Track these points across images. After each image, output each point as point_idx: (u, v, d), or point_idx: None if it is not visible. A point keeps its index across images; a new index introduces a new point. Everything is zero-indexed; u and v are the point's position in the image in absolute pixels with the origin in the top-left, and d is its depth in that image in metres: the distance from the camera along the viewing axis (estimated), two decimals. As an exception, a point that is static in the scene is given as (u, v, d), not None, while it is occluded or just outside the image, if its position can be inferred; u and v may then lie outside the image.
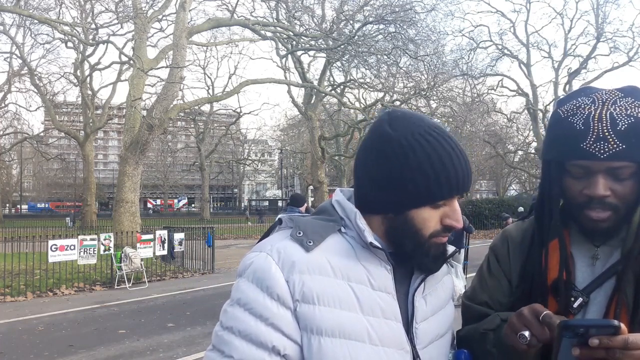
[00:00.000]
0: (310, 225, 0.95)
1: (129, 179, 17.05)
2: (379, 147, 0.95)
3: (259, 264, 0.91)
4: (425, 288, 1.00)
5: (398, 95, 26.08)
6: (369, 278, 0.92)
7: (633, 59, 31.73)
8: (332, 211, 1.00)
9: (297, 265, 0.90)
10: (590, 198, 1.00)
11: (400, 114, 0.97)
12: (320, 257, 0.91)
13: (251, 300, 0.89)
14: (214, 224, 24.15)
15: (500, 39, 34.72)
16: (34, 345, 6.32)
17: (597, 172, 0.98)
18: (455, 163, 0.92)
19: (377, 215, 0.97)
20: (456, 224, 0.94)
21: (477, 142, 34.97)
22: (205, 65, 41.25)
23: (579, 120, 0.99)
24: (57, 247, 9.85)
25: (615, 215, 1.00)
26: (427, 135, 0.93)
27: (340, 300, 0.90)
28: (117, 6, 22.44)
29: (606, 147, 0.95)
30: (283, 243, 0.93)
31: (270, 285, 0.88)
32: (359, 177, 0.99)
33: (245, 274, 0.92)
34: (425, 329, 0.98)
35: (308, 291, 0.88)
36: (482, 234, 25.24)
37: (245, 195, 77.95)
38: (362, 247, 0.94)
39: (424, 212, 0.93)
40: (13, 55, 30.84)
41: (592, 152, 0.96)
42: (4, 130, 39.43)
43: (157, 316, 7.95)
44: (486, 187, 65.19)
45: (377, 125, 0.98)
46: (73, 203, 50.63)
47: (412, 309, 0.97)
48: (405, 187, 0.92)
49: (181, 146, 60.39)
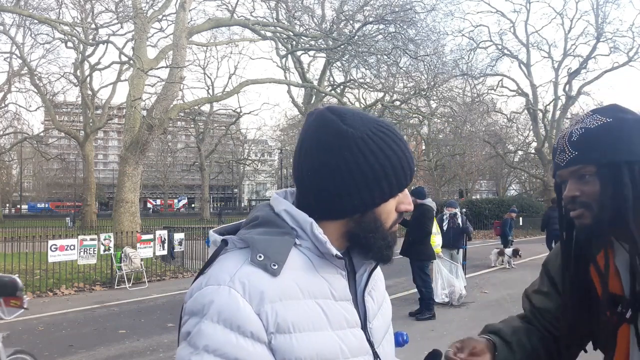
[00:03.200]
0: (269, 244, 0.86)
1: (129, 179, 17.05)
2: (342, 148, 0.88)
3: (223, 301, 0.80)
4: (369, 285, 1.00)
5: (398, 95, 26.08)
6: (330, 290, 0.89)
7: (633, 59, 31.73)
8: (279, 222, 0.90)
9: (266, 294, 0.82)
10: (567, 201, 1.17)
11: (346, 110, 0.93)
12: (287, 279, 0.85)
13: (222, 345, 0.79)
14: (214, 224, 24.16)
15: (500, 39, 34.75)
16: (34, 345, 6.31)
17: (566, 179, 1.17)
18: (408, 150, 0.94)
19: (337, 220, 0.91)
20: (409, 207, 0.96)
21: (477, 142, 34.91)
22: (205, 65, 41.26)
23: (555, 142, 1.21)
24: (57, 247, 9.84)
25: (589, 212, 1.13)
26: (380, 128, 0.92)
27: (313, 322, 0.85)
28: (117, 6, 22.46)
29: (564, 156, 1.15)
30: (244, 270, 0.83)
31: (241, 325, 0.80)
32: (315, 183, 0.90)
33: (206, 315, 0.80)
34: (377, 327, 0.98)
35: (282, 321, 0.82)
36: (482, 234, 25.25)
37: (245, 195, 77.97)
38: (318, 257, 0.89)
39: (390, 204, 0.93)
40: (13, 55, 30.80)
41: (557, 163, 1.18)
42: (4, 130, 39.39)
43: (157, 316, 7.95)
44: (486, 187, 65.19)
45: (327, 123, 0.90)
46: (73, 203, 50.62)
47: (364, 310, 0.96)
48: (379, 183, 0.90)
49: (181, 146, 60.36)
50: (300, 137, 0.95)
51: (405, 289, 8.85)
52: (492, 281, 10.78)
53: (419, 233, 7.63)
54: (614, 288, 1.15)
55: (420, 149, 45.87)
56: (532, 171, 41.37)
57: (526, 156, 43.17)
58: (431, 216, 7.86)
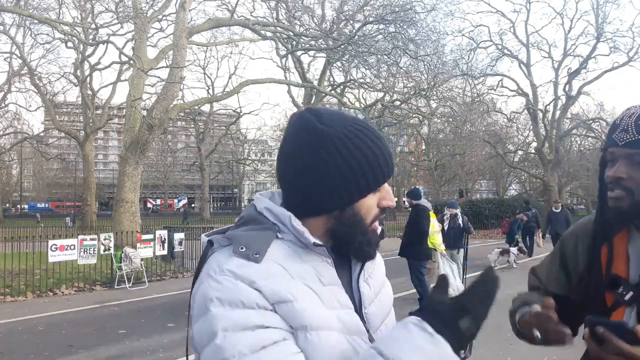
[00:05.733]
0: (249, 237, 0.90)
1: (129, 179, 17.04)
2: (319, 147, 0.92)
3: (220, 288, 0.85)
4: (365, 272, 1.02)
5: (398, 95, 26.09)
6: (318, 276, 0.92)
7: (633, 59, 31.69)
8: (261, 219, 0.95)
9: (255, 276, 0.85)
10: (610, 180, 1.16)
11: (323, 110, 0.97)
12: (272, 264, 0.88)
13: (236, 320, 0.82)
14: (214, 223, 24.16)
15: (500, 39, 34.69)
16: (34, 345, 6.32)
17: (619, 158, 1.15)
18: (385, 146, 0.96)
19: (318, 217, 0.95)
20: (392, 203, 0.98)
21: (477, 142, 34.93)
22: (205, 65, 41.20)
23: (619, 117, 1.18)
24: (57, 247, 9.83)
25: (629, 197, 1.13)
26: (356, 126, 0.95)
27: (309, 298, 0.88)
28: (117, 6, 22.45)
29: (625, 136, 1.12)
30: (230, 262, 0.87)
31: (244, 299, 0.83)
32: (295, 181, 0.94)
33: (209, 307, 0.84)
34: (374, 312, 1.01)
35: (280, 291, 0.85)
36: (482, 234, 25.24)
37: (245, 195, 77.92)
38: (301, 248, 0.93)
39: (369, 200, 0.95)
40: (13, 55, 30.80)
41: (614, 140, 1.15)
42: (4, 130, 39.40)
43: (157, 316, 7.95)
44: (486, 187, 65.20)
45: (305, 123, 0.95)
46: (73, 203, 50.59)
47: (358, 296, 0.99)
48: (356, 180, 0.92)
49: (181, 146, 60.34)
50: (282, 139, 0.99)
51: (405, 288, 8.85)
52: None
53: (416, 233, 7.66)
54: (619, 270, 1.17)
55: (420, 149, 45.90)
56: (532, 171, 41.35)
57: (526, 156, 43.16)
58: (427, 215, 7.88)
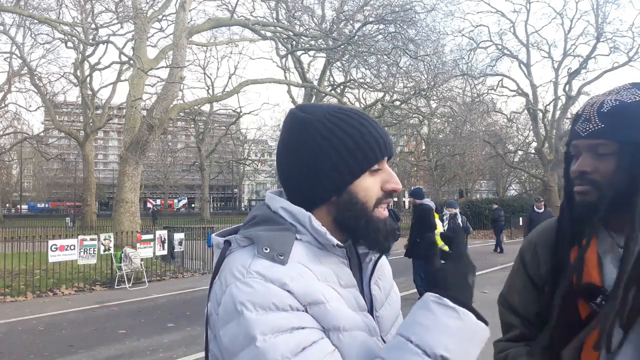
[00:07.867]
0: (272, 238, 0.87)
1: (129, 179, 17.04)
2: (302, 134, 0.93)
3: (250, 291, 0.82)
4: (376, 274, 1.01)
5: (398, 95, 26.08)
6: (337, 278, 0.91)
7: (633, 59, 31.66)
8: (278, 219, 0.92)
9: (285, 277, 0.83)
10: (575, 174, 1.09)
11: (309, 104, 0.99)
12: (297, 265, 0.86)
13: (272, 322, 0.80)
14: (214, 223, 24.16)
15: (500, 39, 34.68)
16: (34, 345, 6.32)
17: (583, 151, 1.08)
18: (374, 126, 0.94)
19: (321, 207, 0.93)
20: (397, 185, 0.95)
21: (477, 142, 34.93)
22: (205, 65, 41.13)
23: (581, 108, 1.10)
24: (57, 247, 9.84)
25: (597, 191, 1.06)
26: (340, 111, 0.96)
27: (337, 299, 0.87)
28: (117, 6, 22.41)
29: (587, 126, 1.05)
30: (257, 263, 0.84)
31: (277, 302, 0.81)
32: (289, 174, 0.95)
33: (243, 311, 0.81)
34: (385, 316, 1.00)
35: (311, 293, 0.84)
36: (482, 234, 25.26)
37: (245, 195, 77.95)
38: (319, 249, 0.91)
39: (364, 181, 0.92)
40: (13, 55, 30.80)
41: (577, 132, 1.07)
42: (4, 130, 39.40)
43: (157, 316, 7.95)
44: (486, 187, 65.17)
45: (291, 118, 0.97)
46: (73, 203, 50.58)
47: (370, 299, 0.98)
48: (344, 160, 0.91)
49: (181, 146, 60.33)
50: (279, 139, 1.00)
51: (406, 288, 8.85)
52: (492, 281, 10.77)
53: (422, 232, 7.63)
54: (592, 277, 1.07)
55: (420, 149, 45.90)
56: (532, 171, 41.30)
57: (526, 156, 43.13)
58: (432, 213, 7.88)
